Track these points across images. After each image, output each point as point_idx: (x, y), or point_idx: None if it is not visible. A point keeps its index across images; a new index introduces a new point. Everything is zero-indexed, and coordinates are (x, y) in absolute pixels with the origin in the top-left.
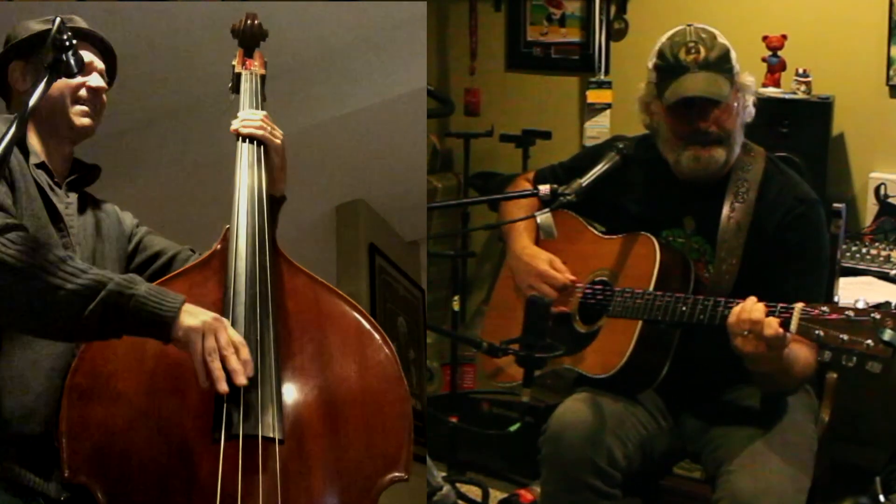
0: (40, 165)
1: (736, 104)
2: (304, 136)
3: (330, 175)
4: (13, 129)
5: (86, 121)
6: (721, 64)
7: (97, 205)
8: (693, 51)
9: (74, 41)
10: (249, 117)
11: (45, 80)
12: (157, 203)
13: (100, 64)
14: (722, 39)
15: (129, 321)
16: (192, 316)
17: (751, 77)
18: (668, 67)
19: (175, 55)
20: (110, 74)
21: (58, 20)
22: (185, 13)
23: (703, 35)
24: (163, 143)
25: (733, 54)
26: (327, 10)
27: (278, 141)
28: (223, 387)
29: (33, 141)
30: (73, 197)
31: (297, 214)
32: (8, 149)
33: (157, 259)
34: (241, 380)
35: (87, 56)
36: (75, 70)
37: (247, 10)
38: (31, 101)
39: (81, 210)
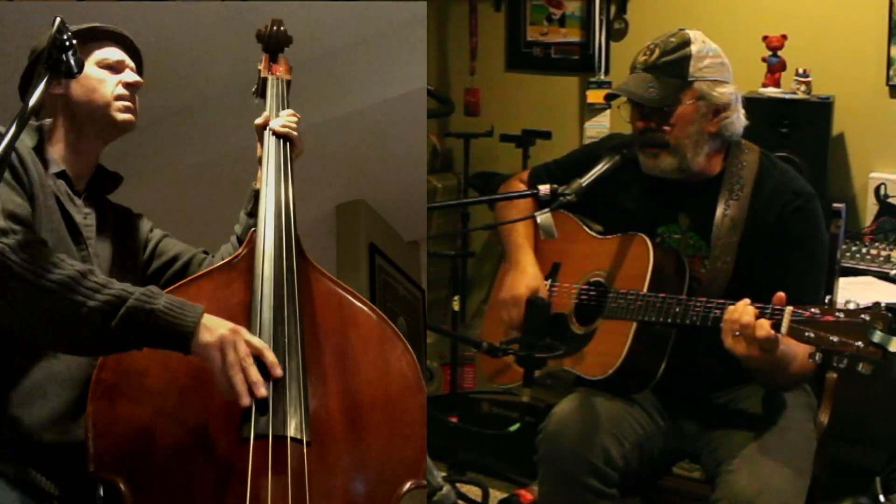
0: (60, 174)
1: (690, 111)
2: (305, 136)
3: (330, 175)
4: (13, 129)
5: (128, 116)
6: (668, 68)
7: (116, 212)
8: (646, 52)
9: (74, 41)
10: (289, 120)
11: (44, 80)
12: (157, 204)
13: (130, 62)
14: (692, 46)
15: (149, 336)
16: (209, 331)
17: (725, 89)
18: (630, 69)
19: (175, 56)
20: (139, 73)
21: (58, 20)
22: (187, 14)
23: (672, 39)
24: (162, 143)
25: (703, 62)
26: (327, 10)
27: (302, 145)
28: (246, 401)
29: (55, 148)
30: (92, 207)
31: (297, 214)
32: (8, 149)
33: (173, 264)
34: (262, 391)
35: (118, 55)
36: (75, 70)
37: (249, 11)
38: (31, 101)
39: (100, 219)
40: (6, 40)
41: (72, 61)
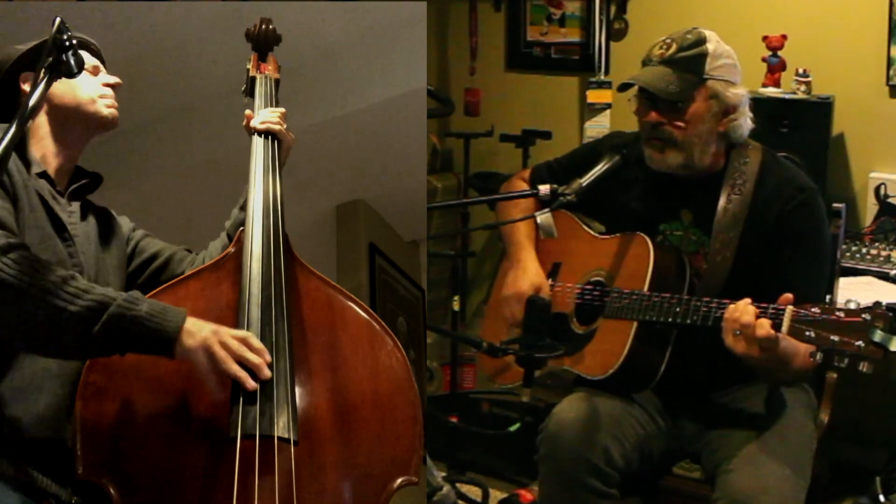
0: (42, 175)
1: (703, 109)
2: (304, 136)
3: (330, 175)
4: (13, 130)
5: (114, 111)
6: (685, 64)
7: (97, 211)
8: (663, 46)
9: (75, 41)
10: (268, 116)
11: (44, 80)
12: (157, 203)
13: (103, 69)
14: (709, 45)
15: (132, 342)
16: (191, 336)
17: (737, 90)
18: (643, 62)
19: (175, 56)
20: None
21: (58, 20)
22: (185, 14)
23: (689, 36)
24: (163, 143)
25: (718, 62)
26: (327, 11)
27: (291, 137)
28: (251, 384)
29: (36, 150)
30: (76, 205)
31: (297, 214)
32: (8, 149)
33: (153, 261)
34: (266, 372)
35: (94, 61)
36: (75, 70)
37: (248, 10)
38: (31, 102)
39: (83, 218)
40: (6, 40)
41: (72, 61)
